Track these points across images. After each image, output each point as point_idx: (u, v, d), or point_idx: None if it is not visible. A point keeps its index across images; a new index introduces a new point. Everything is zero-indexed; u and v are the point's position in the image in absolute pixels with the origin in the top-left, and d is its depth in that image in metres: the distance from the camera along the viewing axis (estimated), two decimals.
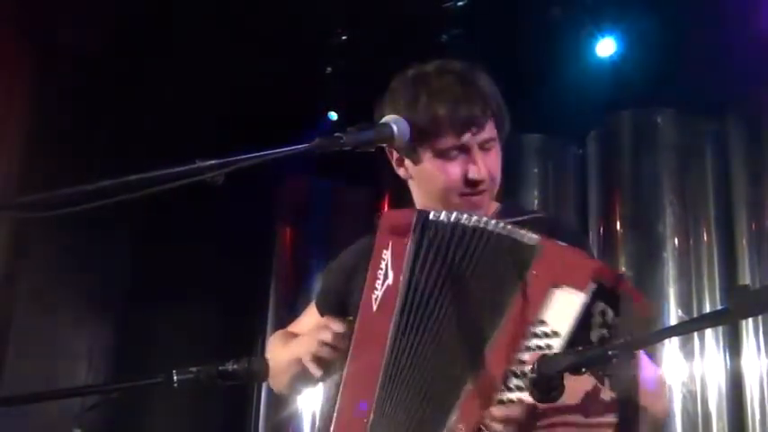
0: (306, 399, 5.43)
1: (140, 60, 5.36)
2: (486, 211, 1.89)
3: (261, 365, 1.67)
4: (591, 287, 1.55)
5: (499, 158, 1.91)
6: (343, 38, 5.59)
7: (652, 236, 4.69)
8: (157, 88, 5.48)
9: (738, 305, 1.28)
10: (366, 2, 5.31)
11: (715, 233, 4.74)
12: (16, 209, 1.56)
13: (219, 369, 1.63)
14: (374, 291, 1.75)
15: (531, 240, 1.64)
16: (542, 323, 1.57)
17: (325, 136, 1.61)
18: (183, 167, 1.44)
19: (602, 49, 5.09)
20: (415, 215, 1.78)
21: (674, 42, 4.69)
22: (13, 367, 4.86)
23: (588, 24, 5.06)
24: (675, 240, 4.67)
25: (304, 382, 1.99)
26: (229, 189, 1.54)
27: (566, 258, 1.63)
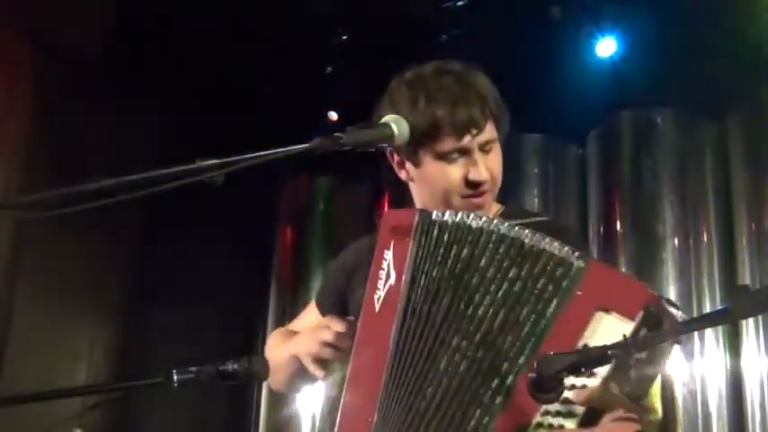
0: (305, 399, 5.43)
1: (140, 60, 5.36)
2: (488, 213, 1.89)
3: (261, 365, 1.67)
4: (640, 315, 1.52)
5: (500, 159, 1.91)
6: (344, 38, 5.59)
7: (652, 236, 4.69)
8: (157, 88, 5.48)
9: (738, 305, 1.27)
10: (366, 2, 5.31)
11: (715, 233, 4.74)
12: (16, 209, 1.56)
13: (219, 369, 1.62)
14: (376, 291, 1.74)
15: (574, 258, 1.60)
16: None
17: (325, 136, 1.60)
18: (183, 167, 1.43)
19: (602, 48, 5.10)
20: (416, 215, 1.77)
21: (674, 42, 4.69)
22: (13, 367, 4.87)
23: (588, 24, 5.07)
24: (675, 240, 4.67)
25: (303, 379, 1.98)
26: (229, 189, 1.54)
27: (615, 282, 1.60)
